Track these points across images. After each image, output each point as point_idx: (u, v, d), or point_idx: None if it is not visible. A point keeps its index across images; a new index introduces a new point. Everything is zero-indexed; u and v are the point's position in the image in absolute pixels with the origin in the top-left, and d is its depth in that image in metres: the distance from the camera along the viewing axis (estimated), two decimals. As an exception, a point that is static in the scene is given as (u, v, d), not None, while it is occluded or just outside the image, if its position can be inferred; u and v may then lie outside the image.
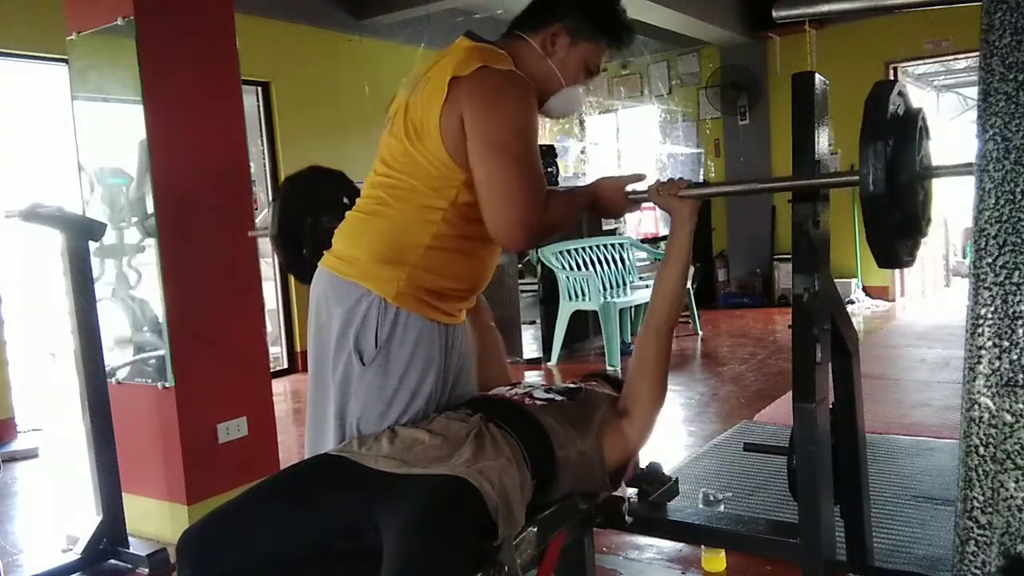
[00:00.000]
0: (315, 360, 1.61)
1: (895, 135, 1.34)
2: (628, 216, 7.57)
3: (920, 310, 6.80)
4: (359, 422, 1.51)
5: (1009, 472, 0.84)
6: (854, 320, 2.41)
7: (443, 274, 1.54)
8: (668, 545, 2.53)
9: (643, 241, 7.02)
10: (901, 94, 1.40)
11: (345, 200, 2.07)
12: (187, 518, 2.80)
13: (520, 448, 1.43)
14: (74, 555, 2.57)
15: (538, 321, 5.98)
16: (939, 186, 1.45)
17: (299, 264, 2.06)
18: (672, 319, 1.61)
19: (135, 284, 2.93)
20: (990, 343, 0.85)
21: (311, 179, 2.18)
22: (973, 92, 1.76)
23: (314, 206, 2.07)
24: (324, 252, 1.63)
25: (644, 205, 1.75)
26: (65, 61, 3.02)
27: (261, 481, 1.44)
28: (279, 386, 5.13)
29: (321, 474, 1.40)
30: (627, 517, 1.78)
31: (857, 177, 1.34)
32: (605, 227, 6.67)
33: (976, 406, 0.86)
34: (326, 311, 1.58)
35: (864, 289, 7.63)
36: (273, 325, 5.76)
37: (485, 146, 1.46)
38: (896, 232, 1.39)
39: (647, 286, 6.41)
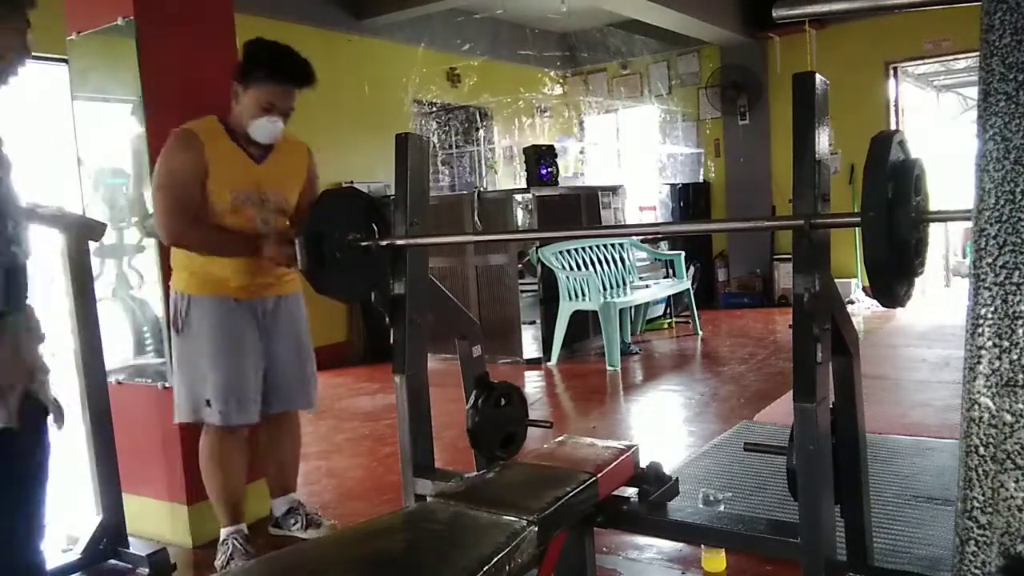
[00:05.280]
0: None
1: (895, 182, 1.38)
2: (627, 215, 7.57)
3: (920, 310, 6.80)
4: None
5: (1009, 472, 0.84)
6: (854, 320, 2.41)
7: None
8: (668, 545, 2.53)
9: (643, 241, 7.02)
10: (901, 144, 1.44)
11: (373, 225, 2.09)
12: (187, 518, 2.81)
13: None
14: (74, 555, 2.57)
15: (538, 321, 5.98)
16: (939, 185, 1.49)
17: (314, 271, 2.08)
18: None
19: (136, 284, 2.93)
20: (990, 343, 0.85)
21: (346, 197, 2.21)
22: (973, 92, 1.76)
23: (342, 221, 2.08)
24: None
25: (644, 205, 1.76)
26: (65, 61, 3.01)
27: None
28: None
29: None
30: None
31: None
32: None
33: (976, 406, 0.86)
34: None
35: (864, 289, 7.62)
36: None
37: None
38: (895, 273, 1.43)
39: (647, 286, 6.41)
